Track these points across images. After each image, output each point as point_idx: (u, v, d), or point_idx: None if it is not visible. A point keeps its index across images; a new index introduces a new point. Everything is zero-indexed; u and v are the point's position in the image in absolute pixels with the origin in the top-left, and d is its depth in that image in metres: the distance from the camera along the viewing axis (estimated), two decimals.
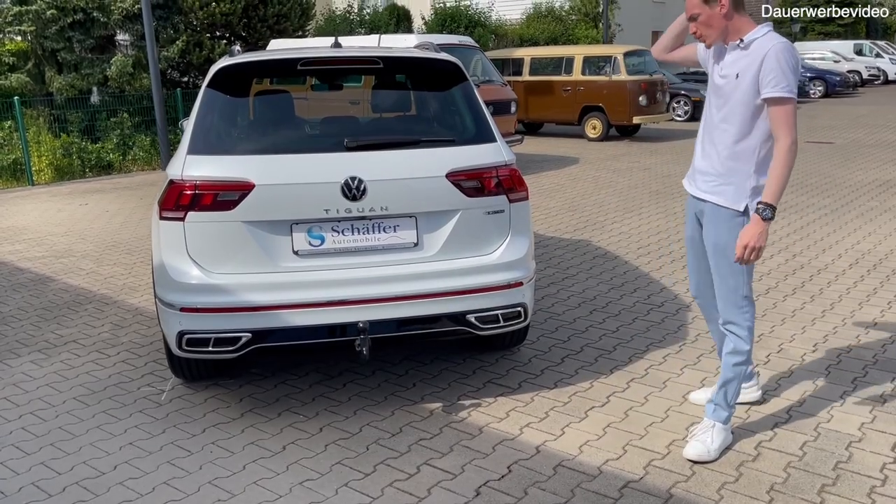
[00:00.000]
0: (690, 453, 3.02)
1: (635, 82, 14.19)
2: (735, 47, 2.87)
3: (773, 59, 2.72)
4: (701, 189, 3.02)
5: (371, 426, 3.38)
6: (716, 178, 2.94)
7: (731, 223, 2.91)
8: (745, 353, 3.02)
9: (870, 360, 3.91)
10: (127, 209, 9.06)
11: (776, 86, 2.73)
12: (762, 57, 2.75)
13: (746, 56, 2.82)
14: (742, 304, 2.99)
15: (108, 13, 12.81)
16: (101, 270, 6.21)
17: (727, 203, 2.91)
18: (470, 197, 3.36)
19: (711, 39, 2.91)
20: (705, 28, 2.87)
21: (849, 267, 5.62)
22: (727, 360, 3.06)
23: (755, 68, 2.76)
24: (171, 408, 3.62)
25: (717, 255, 3.00)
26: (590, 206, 8.36)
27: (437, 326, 3.37)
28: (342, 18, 21.73)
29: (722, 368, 3.09)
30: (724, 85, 2.90)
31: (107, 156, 12.33)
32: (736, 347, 3.03)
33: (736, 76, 2.83)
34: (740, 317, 3.00)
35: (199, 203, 3.19)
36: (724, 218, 2.93)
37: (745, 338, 3.01)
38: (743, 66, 2.82)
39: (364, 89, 4.15)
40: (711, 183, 2.96)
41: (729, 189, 2.90)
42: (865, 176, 9.56)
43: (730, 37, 2.87)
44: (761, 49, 2.77)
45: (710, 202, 2.98)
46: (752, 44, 2.82)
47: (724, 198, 2.92)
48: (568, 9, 25.03)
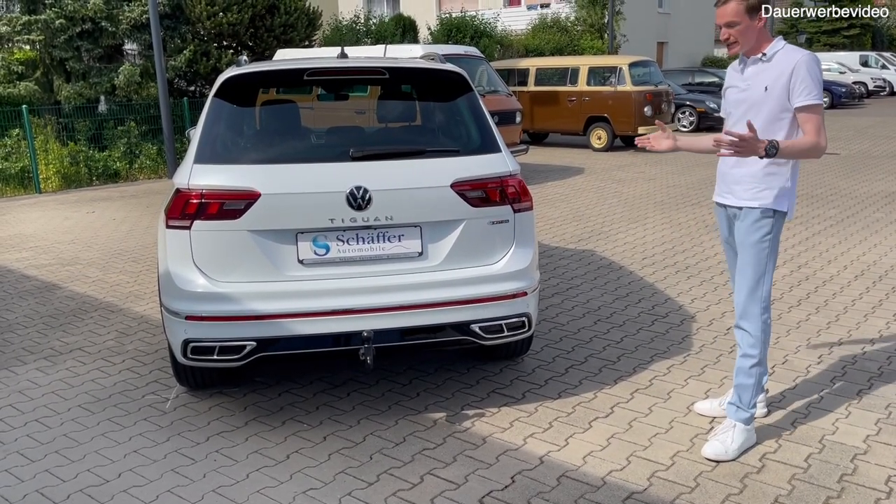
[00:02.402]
0: (708, 452, 3.09)
1: (640, 93, 14.22)
2: (757, 60, 3.02)
3: (804, 70, 2.90)
4: (742, 198, 3.11)
5: (375, 435, 3.38)
6: (757, 184, 3.06)
7: (763, 221, 3.05)
8: (755, 355, 3.10)
9: (875, 372, 3.89)
10: (133, 217, 9.10)
11: (808, 94, 2.91)
12: (791, 68, 2.92)
13: (771, 68, 2.98)
14: (763, 296, 3.09)
15: (116, 23, 12.91)
16: (107, 278, 6.24)
17: (771, 204, 3.04)
18: (474, 207, 3.37)
19: (742, 49, 3.02)
20: (741, 36, 2.98)
21: (854, 278, 5.60)
22: (740, 362, 3.15)
23: (785, 80, 2.93)
24: (176, 416, 3.63)
25: (745, 252, 3.11)
26: (594, 216, 8.37)
27: (441, 336, 3.38)
28: (348, 28, 21.82)
29: (735, 371, 3.17)
30: (748, 98, 3.03)
31: (114, 164, 12.39)
32: (747, 350, 3.12)
33: (765, 89, 2.98)
34: (757, 308, 3.08)
35: (205, 212, 3.20)
36: (756, 216, 3.06)
37: (757, 337, 3.09)
38: (770, 78, 2.97)
39: (370, 99, 4.17)
40: (753, 189, 3.07)
41: (772, 192, 3.05)
42: (871, 187, 9.54)
43: (755, 50, 3.02)
44: (788, 61, 2.94)
45: (751, 206, 3.08)
46: (775, 56, 2.98)
47: (767, 200, 3.05)
48: (573, 20, 25.09)
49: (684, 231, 7.46)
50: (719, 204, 3.29)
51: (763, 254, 3.07)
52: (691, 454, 3.14)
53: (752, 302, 3.10)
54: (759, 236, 3.07)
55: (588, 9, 24.55)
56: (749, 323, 3.11)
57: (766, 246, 3.07)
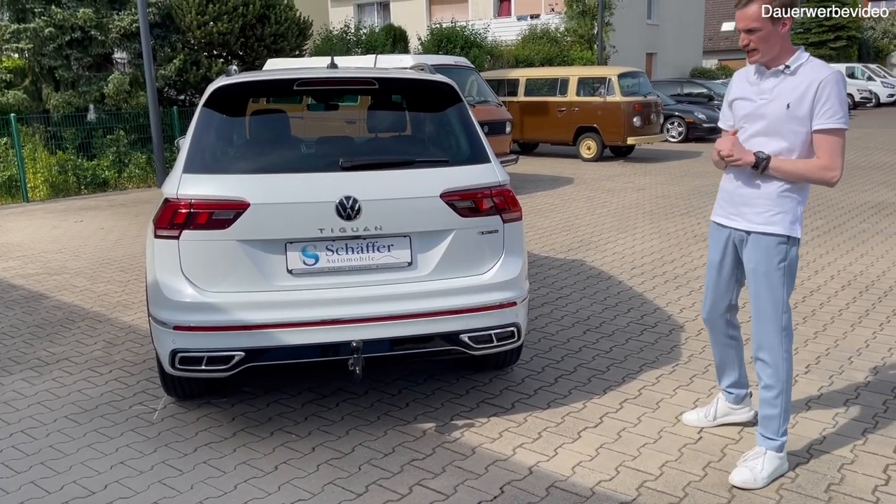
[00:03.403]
0: (736, 479, 2.95)
1: (629, 103, 14.31)
2: (779, 73, 2.81)
3: (831, 89, 2.70)
4: (754, 222, 2.92)
5: (364, 446, 3.37)
6: (771, 206, 2.87)
7: (777, 248, 2.88)
8: (777, 385, 2.94)
9: (861, 382, 3.92)
10: (122, 226, 9.05)
11: (832, 116, 2.71)
12: (816, 86, 2.71)
13: (796, 84, 2.76)
14: (784, 323, 2.92)
15: (106, 32, 12.89)
16: (95, 288, 6.20)
17: (784, 231, 2.86)
18: (464, 217, 3.38)
19: (763, 56, 2.80)
20: (763, 43, 2.76)
21: (841, 288, 5.64)
22: (762, 394, 3.00)
23: (810, 99, 2.72)
24: (163, 427, 3.60)
25: (758, 280, 2.94)
26: (584, 226, 8.40)
27: (430, 346, 3.38)
28: (339, 38, 21.86)
29: (760, 404, 3.03)
30: (768, 114, 2.83)
31: (102, 173, 12.34)
32: (769, 381, 2.96)
33: (787, 106, 2.77)
34: (778, 339, 2.91)
35: (194, 222, 3.20)
36: (772, 244, 2.89)
37: (778, 366, 2.93)
38: (794, 95, 2.76)
39: (359, 110, 4.19)
40: (766, 213, 2.88)
41: (786, 217, 2.86)
42: (857, 198, 9.62)
43: (776, 60, 2.80)
44: (813, 77, 2.72)
45: (763, 232, 2.90)
46: (800, 70, 2.77)
47: (781, 226, 2.86)
48: (563, 31, 25.24)
49: (673, 241, 7.50)
50: (720, 225, 3.08)
51: (778, 282, 2.89)
52: (680, 464, 3.15)
53: (770, 333, 2.92)
54: (774, 264, 2.88)
55: (578, 20, 24.70)
56: (768, 354, 2.94)
57: (781, 273, 2.88)
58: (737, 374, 3.33)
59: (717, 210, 3.11)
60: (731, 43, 45.88)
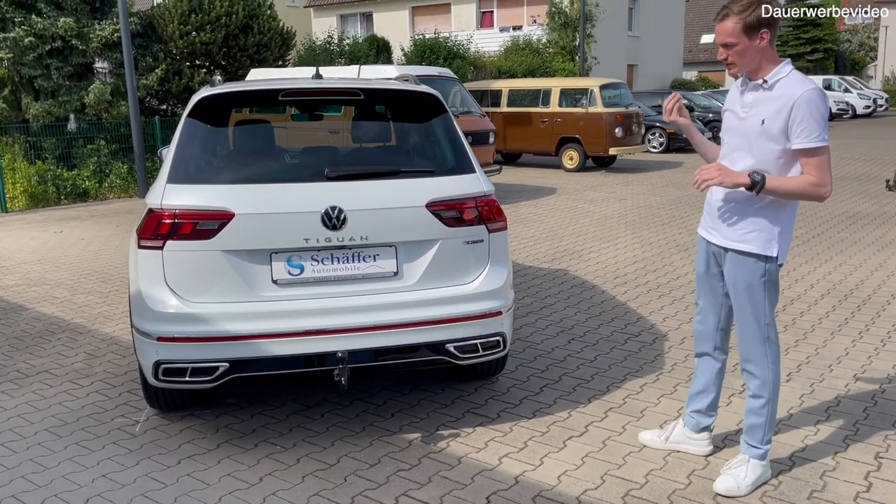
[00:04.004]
0: (720, 487, 2.96)
1: (611, 114, 14.43)
2: (758, 87, 2.79)
3: (805, 108, 2.66)
4: (728, 238, 2.92)
5: (349, 457, 3.35)
6: (745, 224, 2.86)
7: (756, 265, 2.87)
8: (765, 395, 2.95)
9: (842, 390, 3.97)
10: (102, 237, 8.97)
11: (808, 136, 2.67)
12: (791, 104, 2.67)
13: (772, 100, 2.73)
14: (768, 335, 2.92)
15: (86, 41, 12.81)
16: (76, 299, 6.14)
17: (758, 250, 2.85)
18: (449, 227, 3.39)
19: (741, 69, 2.79)
20: (739, 58, 2.75)
21: (821, 297, 5.71)
22: (750, 403, 3.01)
23: (784, 117, 2.69)
24: (146, 439, 3.57)
25: (739, 295, 2.94)
26: (567, 236, 8.44)
27: (416, 356, 3.38)
28: (322, 49, 21.88)
29: (746, 413, 3.04)
30: (744, 129, 2.82)
31: (83, 183, 12.23)
32: (756, 392, 2.98)
33: (762, 122, 2.74)
34: (762, 350, 2.92)
35: (178, 232, 3.18)
36: (750, 261, 2.88)
37: (765, 378, 2.94)
38: (769, 111, 2.73)
39: (344, 120, 4.19)
40: (740, 231, 2.87)
41: (760, 236, 2.84)
42: (835, 208, 9.76)
43: (756, 73, 2.79)
44: (789, 94, 2.69)
45: (738, 250, 2.90)
46: (777, 85, 2.74)
47: (754, 245, 2.85)
48: (545, 42, 25.44)
49: (655, 251, 7.56)
50: (703, 238, 3.09)
51: (760, 295, 2.88)
52: (665, 472, 3.16)
53: (755, 345, 2.93)
54: (755, 278, 2.87)
55: (560, 31, 24.91)
56: (755, 366, 2.95)
57: (762, 287, 2.88)
58: (707, 403, 3.24)
59: (702, 222, 3.13)
60: (710, 55, 46.45)
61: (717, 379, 3.23)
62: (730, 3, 2.78)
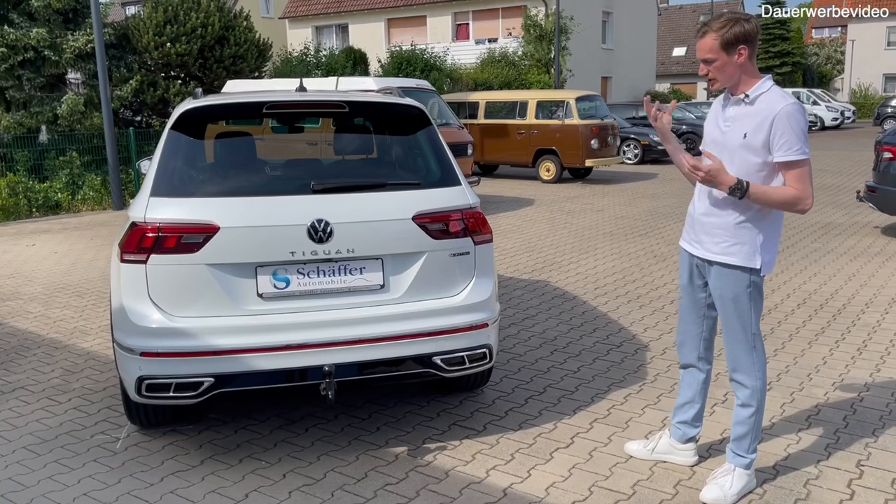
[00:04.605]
0: (707, 497, 2.99)
1: (587, 126, 14.57)
2: (739, 101, 2.85)
3: (785, 122, 2.72)
4: (711, 251, 2.96)
5: (336, 471, 3.33)
6: (728, 237, 2.90)
7: (741, 277, 2.91)
8: (753, 404, 2.99)
9: (822, 398, 4.02)
10: (76, 250, 8.84)
11: (789, 149, 2.74)
12: (772, 118, 2.74)
13: (753, 114, 2.79)
14: (754, 345, 2.97)
15: (59, 52, 12.67)
16: (51, 314, 6.03)
17: (741, 262, 2.89)
18: (436, 239, 3.39)
19: (721, 84, 2.86)
20: (719, 73, 2.82)
21: (797, 307, 5.80)
22: (738, 413, 3.04)
23: (765, 131, 2.75)
24: (127, 456, 3.51)
25: (725, 305, 2.98)
26: (546, 247, 8.49)
27: (403, 369, 3.36)
28: (298, 60, 21.85)
29: (734, 422, 3.07)
30: (726, 142, 2.87)
31: (55, 195, 12.05)
32: (745, 401, 3.01)
33: (744, 136, 2.80)
34: (749, 359, 2.97)
35: (162, 246, 3.15)
36: (727, 273, 2.93)
37: (754, 387, 2.98)
38: (751, 126, 2.79)
39: (329, 133, 4.18)
40: (723, 244, 2.91)
41: (743, 248, 2.88)
42: (807, 219, 9.93)
43: (737, 88, 2.85)
44: (770, 109, 2.75)
45: (722, 263, 2.94)
46: (758, 100, 2.80)
47: (738, 258, 2.89)
48: (521, 55, 25.65)
49: (634, 261, 7.63)
50: (685, 250, 3.13)
51: (745, 306, 2.93)
52: (652, 483, 3.18)
53: (742, 355, 2.98)
54: (741, 289, 2.92)
55: (535, 44, 25.14)
56: (743, 375, 2.99)
57: (748, 298, 2.92)
58: (692, 413, 3.27)
59: (683, 234, 3.17)
60: (682, 67, 47.17)
61: (703, 390, 3.26)
62: (709, 21, 2.86)
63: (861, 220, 9.86)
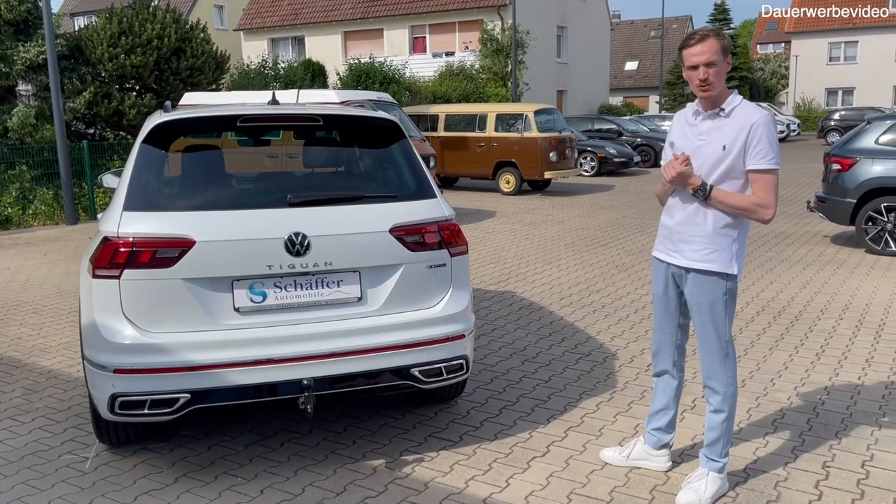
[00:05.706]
0: (683, 501, 3.06)
1: (546, 139, 14.77)
2: (715, 115, 2.95)
3: (762, 131, 2.85)
4: (691, 259, 3.03)
5: (314, 486, 3.31)
6: (706, 245, 2.99)
7: (718, 283, 3.01)
8: (726, 410, 3.08)
9: (786, 403, 4.15)
10: (30, 266, 8.59)
11: (763, 158, 2.86)
12: (749, 128, 2.85)
13: (730, 125, 2.90)
14: (727, 351, 3.06)
15: (10, 63, 12.34)
16: (7, 331, 5.85)
17: (720, 268, 2.98)
18: (413, 251, 3.41)
19: (715, 91, 2.91)
20: (717, 78, 2.88)
21: (756, 314, 5.97)
22: (711, 419, 3.12)
23: (742, 140, 2.86)
24: (97, 476, 3.43)
25: (702, 313, 3.06)
26: (510, 258, 8.56)
27: (381, 381, 3.37)
28: (256, 73, 21.67)
29: (707, 428, 3.15)
30: (705, 154, 2.95)
31: (5, 210, 11.70)
32: (718, 406, 3.10)
33: (723, 148, 2.90)
34: (723, 366, 3.06)
35: (136, 260, 3.10)
36: (712, 279, 3.01)
37: (725, 393, 3.07)
38: (729, 137, 2.89)
39: (304, 146, 4.17)
40: (703, 251, 3.00)
41: (722, 255, 2.98)
42: (762, 228, 10.20)
43: (715, 102, 2.94)
44: (746, 119, 2.87)
45: (701, 270, 3.02)
46: (733, 113, 2.91)
47: (717, 264, 2.98)
48: (478, 68, 25.89)
49: (597, 271, 7.75)
50: (659, 260, 3.20)
51: (721, 313, 3.02)
52: (628, 489, 3.24)
53: (716, 361, 3.07)
54: (718, 296, 3.01)
55: (492, 58, 25.41)
56: (716, 382, 3.08)
57: (723, 305, 3.01)
58: (666, 420, 3.35)
59: (658, 246, 3.24)
60: (634, 81, 48.21)
61: (676, 396, 3.34)
62: (701, 29, 2.98)
63: (811, 229, 10.19)
